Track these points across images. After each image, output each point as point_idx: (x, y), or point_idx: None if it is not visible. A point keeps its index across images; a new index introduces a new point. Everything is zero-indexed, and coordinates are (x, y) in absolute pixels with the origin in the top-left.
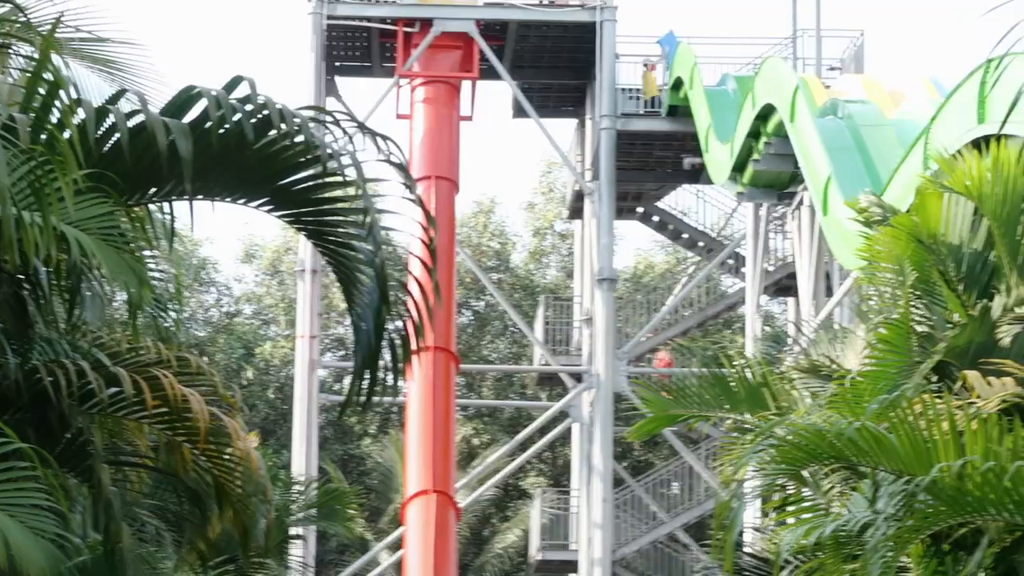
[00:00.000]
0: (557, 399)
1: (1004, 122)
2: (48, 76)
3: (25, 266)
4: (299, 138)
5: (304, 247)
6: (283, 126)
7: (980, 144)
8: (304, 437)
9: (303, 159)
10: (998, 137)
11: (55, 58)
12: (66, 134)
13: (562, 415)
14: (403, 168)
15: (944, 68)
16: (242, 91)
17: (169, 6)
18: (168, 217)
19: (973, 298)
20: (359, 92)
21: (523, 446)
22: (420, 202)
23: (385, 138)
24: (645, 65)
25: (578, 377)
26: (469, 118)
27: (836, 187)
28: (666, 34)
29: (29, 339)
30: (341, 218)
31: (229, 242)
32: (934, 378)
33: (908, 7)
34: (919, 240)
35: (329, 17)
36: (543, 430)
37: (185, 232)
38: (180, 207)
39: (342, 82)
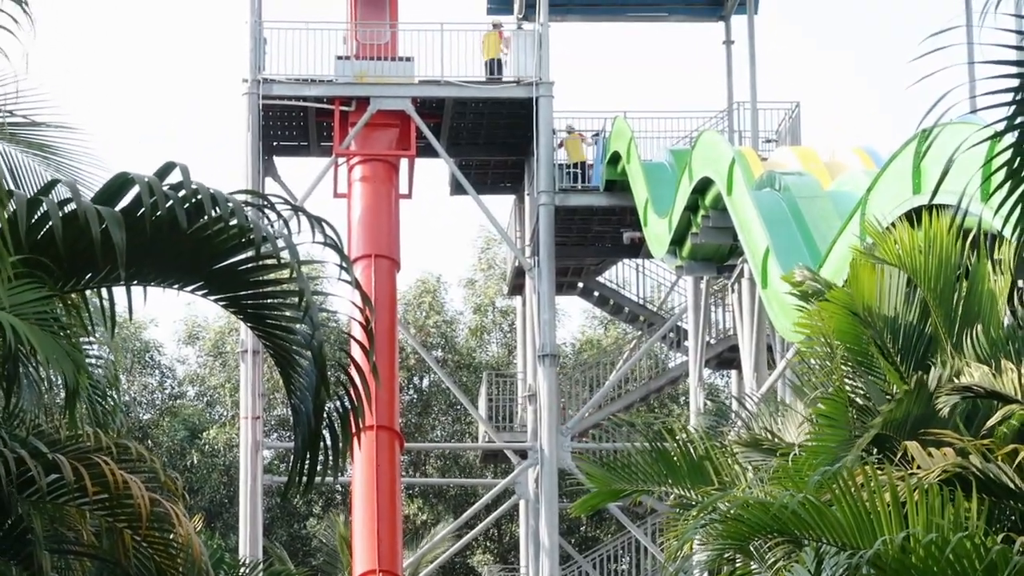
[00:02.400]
0: (503, 476)
1: (935, 193)
2: None
3: None
4: (233, 222)
5: (246, 328)
6: (216, 210)
7: (917, 215)
8: (250, 519)
9: (237, 243)
10: (932, 207)
11: None
12: None
13: (508, 492)
14: (339, 249)
15: (880, 138)
16: (175, 177)
17: (106, 89)
18: (107, 303)
19: (910, 369)
20: (297, 171)
21: (470, 524)
22: (356, 283)
23: (320, 220)
24: (569, 131)
25: (523, 454)
26: (408, 196)
27: (775, 260)
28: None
29: None
30: (277, 301)
31: (172, 324)
32: (874, 450)
33: (843, 78)
34: (854, 313)
35: (265, 97)
36: (489, 507)
37: (127, 315)
38: (120, 292)
39: (280, 162)
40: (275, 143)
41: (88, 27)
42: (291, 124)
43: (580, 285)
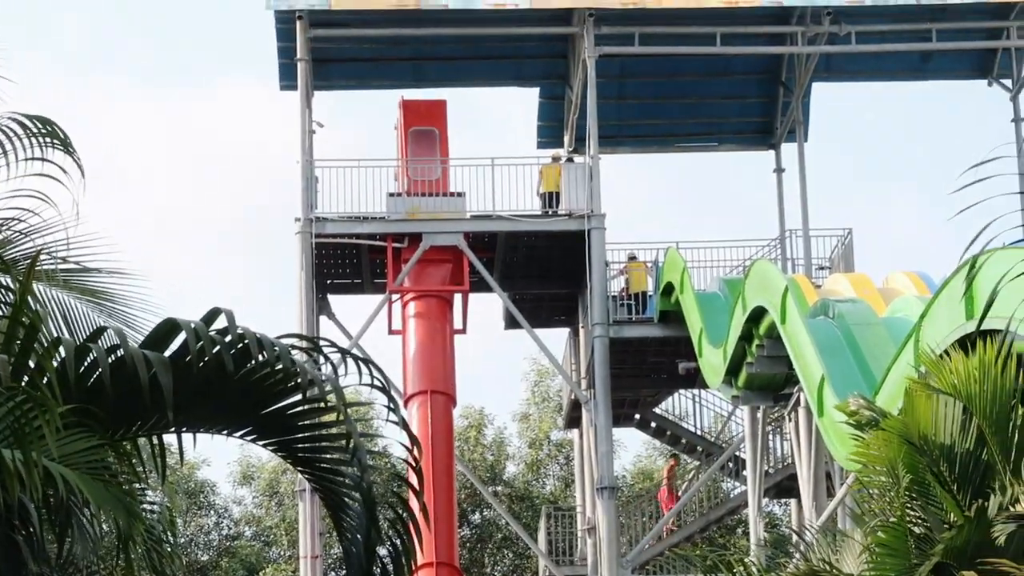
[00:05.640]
0: None
1: (982, 320)
2: (26, 319)
3: (11, 507)
4: (279, 366)
5: None
6: (263, 355)
7: (972, 340)
8: None
9: (284, 387)
10: (985, 333)
11: (39, 290)
12: (46, 374)
13: None
14: (386, 391)
15: (933, 263)
16: (222, 322)
17: (159, 232)
18: (156, 449)
19: (968, 498)
20: (352, 308)
21: None
22: (404, 424)
23: (368, 362)
24: (632, 259)
25: None
26: (462, 331)
27: (830, 388)
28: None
29: None
30: (325, 444)
31: (226, 465)
32: None
33: (894, 204)
34: (910, 442)
35: (317, 236)
36: None
37: (177, 459)
38: (171, 436)
39: (334, 299)
40: (329, 281)
41: (138, 170)
42: (344, 261)
43: (637, 416)
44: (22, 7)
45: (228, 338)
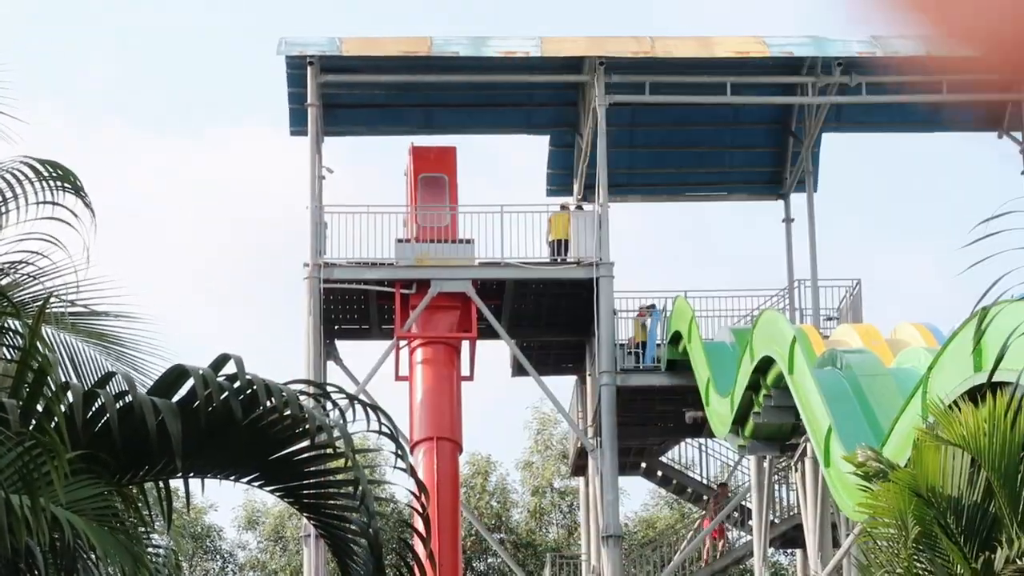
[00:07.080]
0: None
1: (992, 373)
2: (35, 363)
3: (18, 551)
4: (287, 412)
5: None
6: (271, 401)
7: (980, 392)
8: None
9: (292, 433)
10: (994, 386)
11: (47, 334)
12: (54, 419)
13: None
14: (394, 438)
15: (941, 315)
16: (230, 368)
17: (168, 277)
18: (163, 494)
19: (975, 550)
20: (359, 354)
21: None
22: (412, 470)
23: (376, 408)
24: (650, 307)
25: None
26: (469, 378)
27: (837, 439)
28: (650, 307)
29: None
30: (333, 490)
31: (231, 510)
32: None
33: (903, 256)
34: (918, 494)
35: (326, 281)
36: None
37: (185, 504)
38: (178, 482)
39: (342, 345)
40: (336, 326)
41: (148, 215)
42: (352, 307)
43: (643, 465)
44: (37, 54)
45: (236, 384)
